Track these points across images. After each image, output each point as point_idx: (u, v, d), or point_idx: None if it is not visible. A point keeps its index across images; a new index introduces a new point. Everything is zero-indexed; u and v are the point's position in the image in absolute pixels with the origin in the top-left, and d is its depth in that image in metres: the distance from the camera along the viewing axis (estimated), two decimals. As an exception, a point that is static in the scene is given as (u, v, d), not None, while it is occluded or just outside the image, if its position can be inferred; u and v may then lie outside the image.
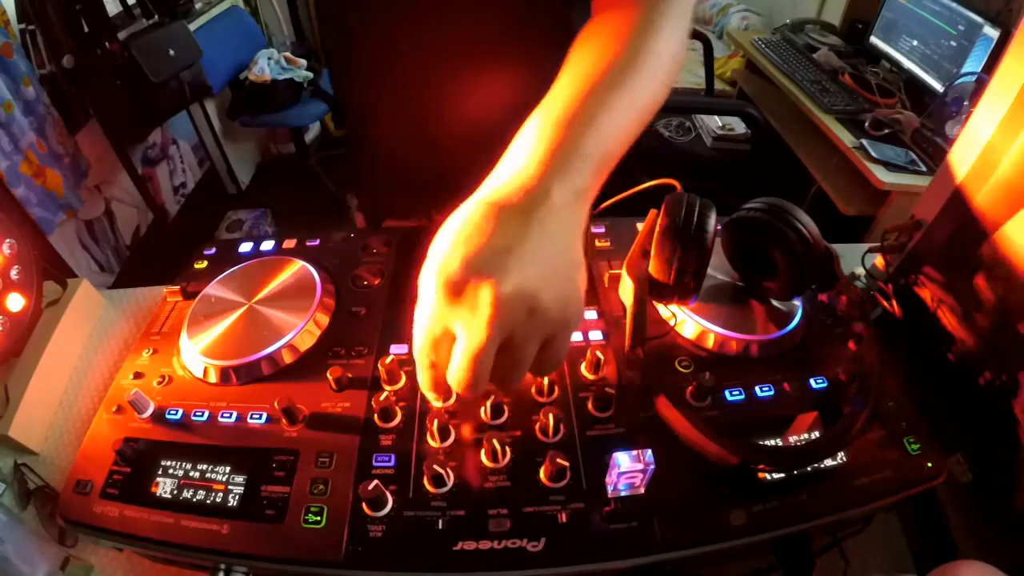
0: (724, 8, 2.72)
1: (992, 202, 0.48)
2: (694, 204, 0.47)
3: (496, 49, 0.64)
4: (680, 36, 0.45)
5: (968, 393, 0.51)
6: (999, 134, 0.47)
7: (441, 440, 0.44)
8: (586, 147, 0.36)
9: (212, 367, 0.49)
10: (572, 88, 0.39)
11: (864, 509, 0.43)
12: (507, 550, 0.38)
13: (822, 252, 0.48)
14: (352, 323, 0.54)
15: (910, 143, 1.52)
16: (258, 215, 2.34)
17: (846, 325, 0.51)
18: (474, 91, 0.67)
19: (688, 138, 2.04)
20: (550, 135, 0.36)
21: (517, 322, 0.32)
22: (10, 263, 0.57)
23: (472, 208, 0.34)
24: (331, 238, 0.64)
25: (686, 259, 0.46)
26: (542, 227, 0.33)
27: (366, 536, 0.39)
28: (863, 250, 0.60)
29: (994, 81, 0.48)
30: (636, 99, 0.40)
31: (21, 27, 1.52)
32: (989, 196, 0.49)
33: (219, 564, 0.40)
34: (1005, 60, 0.47)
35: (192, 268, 0.62)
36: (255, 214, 2.34)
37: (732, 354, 0.50)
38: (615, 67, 0.40)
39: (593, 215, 0.64)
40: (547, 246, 0.33)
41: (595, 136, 0.37)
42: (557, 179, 0.34)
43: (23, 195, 1.50)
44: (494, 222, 0.33)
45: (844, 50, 2.01)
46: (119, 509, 0.42)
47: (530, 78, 0.46)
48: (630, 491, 0.39)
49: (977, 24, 1.50)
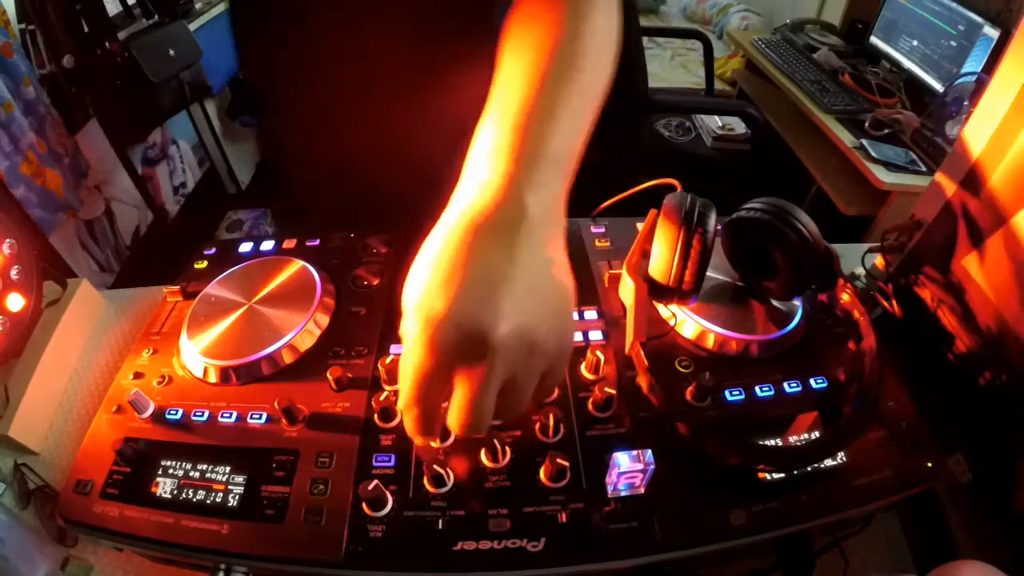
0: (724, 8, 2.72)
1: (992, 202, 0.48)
2: (694, 204, 0.47)
3: (416, 53, 0.59)
4: (614, 7, 0.43)
5: (968, 393, 0.51)
6: (999, 134, 0.47)
7: (441, 440, 0.44)
8: (551, 147, 0.34)
9: (212, 367, 0.49)
10: (520, 84, 0.36)
11: (864, 509, 0.43)
12: (507, 550, 0.38)
13: (822, 252, 0.48)
14: (352, 323, 0.54)
15: (910, 143, 1.52)
16: (258, 215, 2.34)
17: (846, 325, 0.51)
18: (400, 100, 0.63)
19: (688, 138, 2.04)
20: (511, 139, 0.34)
21: (519, 363, 0.30)
22: (10, 263, 0.57)
23: (445, 235, 0.31)
24: (331, 238, 0.64)
25: (686, 259, 0.46)
26: (527, 249, 0.31)
27: (366, 536, 0.39)
28: (863, 250, 0.60)
29: (994, 81, 0.48)
30: (589, 85, 0.38)
31: (21, 27, 1.52)
32: (989, 196, 0.49)
33: (219, 564, 0.40)
34: (1005, 60, 0.47)
35: (192, 268, 0.62)
36: (255, 214, 2.34)
37: (732, 354, 0.50)
38: (559, 55, 0.38)
39: (593, 215, 0.65)
40: (535, 272, 0.31)
41: (558, 134, 0.35)
42: (529, 189, 0.32)
43: (23, 195, 1.49)
44: (473, 251, 0.30)
45: (844, 50, 2.01)
46: (119, 509, 0.42)
47: (458, 79, 0.44)
48: (630, 491, 0.39)
49: (977, 24, 1.50)
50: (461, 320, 0.29)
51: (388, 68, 0.60)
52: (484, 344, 0.29)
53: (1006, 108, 0.46)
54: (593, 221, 0.65)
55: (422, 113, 0.63)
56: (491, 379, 0.30)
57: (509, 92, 0.37)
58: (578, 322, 0.53)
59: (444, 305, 0.29)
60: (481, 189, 0.33)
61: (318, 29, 0.58)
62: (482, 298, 0.29)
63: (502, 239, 0.31)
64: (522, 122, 0.34)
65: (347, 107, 0.65)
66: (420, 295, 0.30)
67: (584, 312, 0.54)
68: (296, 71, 0.64)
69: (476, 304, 0.29)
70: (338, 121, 0.66)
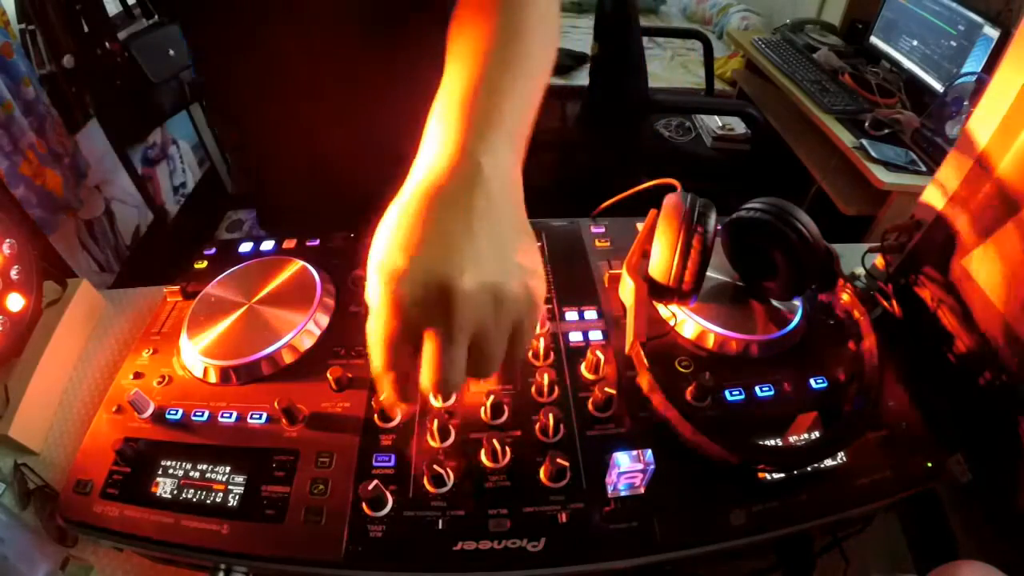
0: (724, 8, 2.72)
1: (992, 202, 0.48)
2: (694, 204, 0.47)
3: (368, 47, 0.60)
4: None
5: (968, 393, 0.51)
6: (999, 134, 0.47)
7: (441, 440, 0.44)
8: (502, 120, 0.35)
9: (212, 367, 0.49)
10: (466, 67, 0.38)
11: (864, 509, 0.43)
12: (507, 550, 0.38)
13: (822, 252, 0.48)
14: (352, 323, 0.54)
15: (910, 143, 1.52)
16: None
17: (846, 325, 0.51)
18: (359, 95, 0.64)
19: (688, 138, 2.04)
20: (460, 112, 0.35)
21: (485, 316, 0.30)
22: (10, 263, 0.57)
23: (406, 200, 0.32)
24: (331, 238, 0.64)
25: (686, 259, 0.46)
26: (487, 203, 0.31)
27: (366, 536, 0.39)
28: (863, 250, 0.60)
29: (994, 81, 0.48)
30: (534, 68, 0.40)
31: (21, 27, 1.52)
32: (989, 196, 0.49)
33: (219, 564, 0.40)
34: (1005, 60, 0.47)
35: (192, 268, 0.62)
36: (255, 214, 2.34)
37: (732, 354, 0.50)
38: (499, 38, 0.40)
39: (593, 215, 0.65)
40: (496, 224, 0.31)
41: (508, 111, 0.36)
42: (482, 152, 0.33)
43: (23, 195, 1.49)
44: (433, 210, 0.30)
45: (844, 50, 2.01)
46: (119, 509, 0.42)
47: (413, 71, 0.44)
48: (630, 491, 0.39)
49: (977, 24, 1.50)
50: (423, 274, 0.29)
51: (343, 65, 0.61)
52: (448, 296, 0.29)
53: (1006, 108, 0.46)
54: (593, 221, 0.65)
55: (384, 105, 0.63)
56: (458, 333, 0.29)
57: (456, 75, 0.38)
58: (578, 322, 0.53)
59: (405, 261, 0.29)
60: (437, 157, 0.33)
61: (269, 32, 0.58)
62: (443, 251, 0.29)
63: (460, 197, 0.31)
64: (470, 97, 0.36)
65: (309, 106, 0.65)
66: (382, 256, 0.30)
67: (584, 312, 0.54)
68: (253, 75, 0.64)
69: (437, 258, 0.29)
70: (302, 120, 0.67)
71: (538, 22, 0.42)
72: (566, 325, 0.53)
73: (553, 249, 0.62)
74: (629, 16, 1.53)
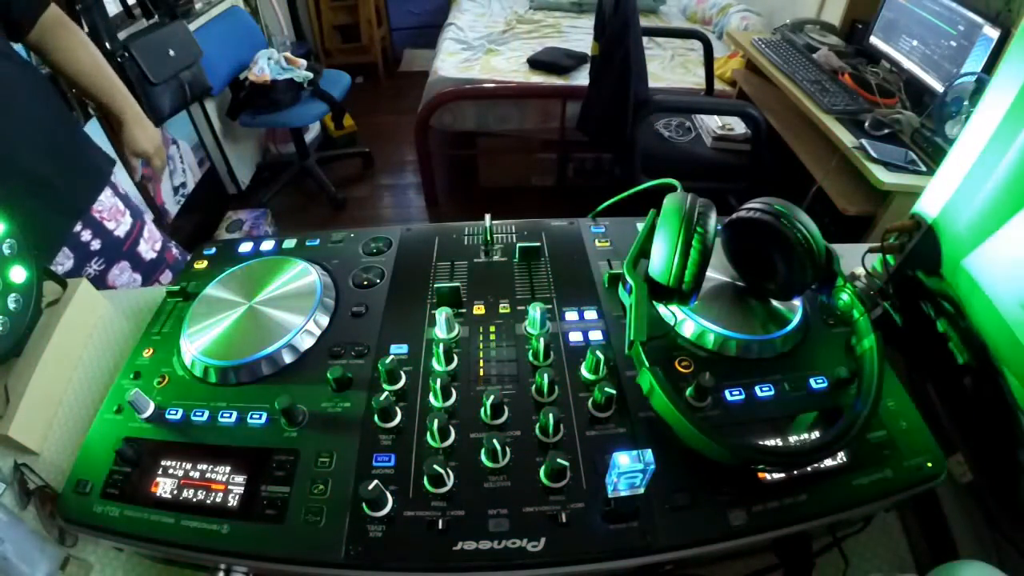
0: (724, 8, 2.72)
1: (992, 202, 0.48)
2: (694, 204, 0.47)
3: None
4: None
5: (968, 393, 0.51)
6: (999, 134, 0.47)
7: (441, 440, 0.44)
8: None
9: (212, 367, 0.49)
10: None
11: (864, 509, 0.43)
12: (507, 550, 0.38)
13: (822, 252, 0.48)
14: (352, 323, 0.54)
15: (910, 143, 1.52)
16: (258, 215, 2.33)
17: (846, 325, 0.51)
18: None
19: (688, 138, 2.04)
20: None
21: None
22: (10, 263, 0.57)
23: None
24: (331, 238, 0.64)
25: (686, 259, 0.46)
26: None
27: (366, 536, 0.39)
28: (863, 250, 0.60)
29: (994, 81, 0.48)
30: None
31: (21, 27, 1.51)
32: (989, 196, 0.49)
33: (219, 564, 0.40)
34: (1005, 60, 0.47)
35: (192, 268, 0.62)
36: (255, 214, 2.34)
37: (732, 354, 0.50)
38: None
39: (593, 215, 0.65)
40: None
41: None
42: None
43: (23, 195, 1.49)
44: None
45: (844, 50, 2.01)
46: (119, 509, 0.42)
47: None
48: (630, 491, 0.39)
49: (977, 24, 1.50)
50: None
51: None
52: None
53: (1006, 108, 0.46)
54: (593, 221, 0.65)
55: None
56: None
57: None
58: (578, 322, 0.53)
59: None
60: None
61: None
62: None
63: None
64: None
65: None
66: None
67: (584, 312, 0.54)
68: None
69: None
70: None
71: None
72: (566, 325, 0.53)
73: (553, 249, 0.62)
74: (629, 16, 1.52)
